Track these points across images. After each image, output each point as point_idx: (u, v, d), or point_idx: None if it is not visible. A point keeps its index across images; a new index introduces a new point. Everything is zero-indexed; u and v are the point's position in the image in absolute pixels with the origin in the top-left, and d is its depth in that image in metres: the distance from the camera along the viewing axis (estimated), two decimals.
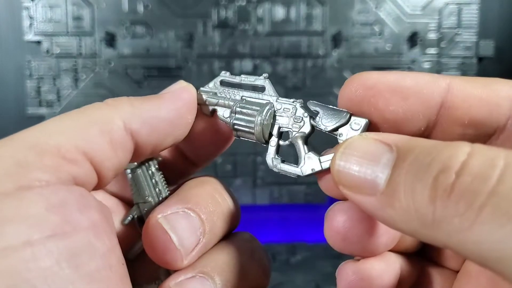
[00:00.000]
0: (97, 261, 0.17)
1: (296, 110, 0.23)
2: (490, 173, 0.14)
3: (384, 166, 0.17)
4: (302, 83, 0.59)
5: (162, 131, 0.22)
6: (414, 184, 0.15)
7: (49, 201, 0.16)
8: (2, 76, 0.57)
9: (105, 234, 0.18)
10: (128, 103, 0.21)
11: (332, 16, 0.58)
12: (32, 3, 0.56)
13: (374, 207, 0.17)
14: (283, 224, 0.62)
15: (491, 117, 0.19)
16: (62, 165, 0.18)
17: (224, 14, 0.58)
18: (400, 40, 0.58)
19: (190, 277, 0.22)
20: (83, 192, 0.18)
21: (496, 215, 0.13)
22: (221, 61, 0.58)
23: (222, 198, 0.24)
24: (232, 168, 0.59)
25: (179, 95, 0.23)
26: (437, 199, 0.15)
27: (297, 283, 0.58)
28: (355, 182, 0.17)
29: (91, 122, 0.20)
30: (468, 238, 0.14)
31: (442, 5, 0.58)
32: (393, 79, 0.19)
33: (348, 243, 0.21)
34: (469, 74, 0.59)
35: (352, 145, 0.18)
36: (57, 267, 0.15)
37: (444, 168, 0.15)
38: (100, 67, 0.58)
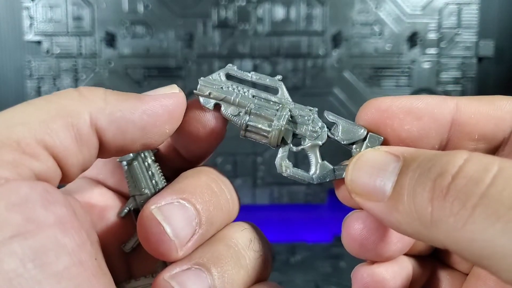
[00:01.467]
0: (65, 258, 0.16)
1: (313, 118, 0.23)
2: (484, 176, 0.15)
3: (391, 174, 0.18)
4: (302, 83, 0.59)
5: (130, 135, 0.21)
6: (415, 187, 0.17)
7: (9, 200, 0.16)
8: (2, 76, 0.58)
9: (73, 230, 0.17)
10: (102, 97, 0.20)
11: (332, 16, 0.58)
12: (32, 3, 0.56)
13: (382, 212, 0.18)
14: (283, 224, 0.62)
15: (497, 131, 0.21)
16: (22, 160, 0.17)
17: (224, 14, 0.58)
18: (400, 40, 0.59)
19: (186, 269, 0.21)
20: (47, 187, 0.17)
21: (486, 215, 0.14)
22: (221, 61, 0.58)
23: (218, 188, 0.23)
24: (232, 168, 0.59)
25: (161, 101, 0.21)
26: (434, 200, 0.16)
27: (297, 283, 0.58)
28: (366, 190, 0.19)
29: (57, 113, 0.18)
30: (462, 236, 0.15)
31: (442, 5, 0.58)
32: (405, 102, 0.21)
33: (365, 250, 0.22)
34: (469, 74, 0.59)
35: (364, 156, 0.20)
36: (22, 268, 0.15)
37: (442, 172, 0.16)
38: (100, 67, 0.58)
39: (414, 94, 0.59)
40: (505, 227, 0.14)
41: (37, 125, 0.18)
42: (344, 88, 0.59)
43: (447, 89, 0.59)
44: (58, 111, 0.18)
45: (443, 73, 0.59)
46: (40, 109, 0.18)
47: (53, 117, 0.18)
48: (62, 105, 0.19)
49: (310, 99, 0.59)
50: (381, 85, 0.59)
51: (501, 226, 0.14)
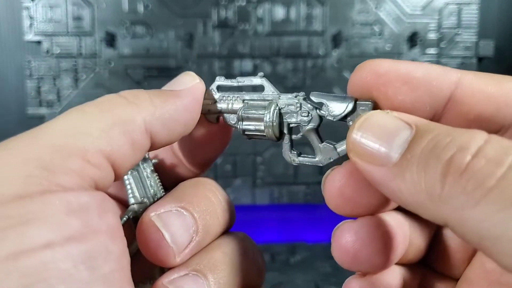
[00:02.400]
0: (112, 263, 0.17)
1: (301, 104, 0.23)
2: (504, 159, 0.15)
3: (402, 141, 0.17)
4: (302, 83, 0.59)
5: (176, 132, 0.22)
6: (429, 159, 0.16)
7: (70, 206, 0.17)
8: (2, 76, 0.58)
9: (119, 238, 0.18)
10: (149, 101, 0.21)
11: (332, 16, 0.58)
12: (32, 3, 0.56)
13: (383, 177, 0.17)
14: (283, 224, 0.62)
15: (497, 116, 0.19)
16: (86, 169, 0.18)
17: (224, 14, 0.58)
18: (400, 40, 0.59)
19: (183, 274, 0.22)
20: (103, 197, 0.19)
21: (502, 198, 0.14)
22: (221, 61, 0.58)
23: (216, 198, 0.24)
24: (232, 168, 0.59)
25: (193, 93, 0.23)
26: (449, 175, 0.15)
27: (297, 283, 0.58)
28: (369, 152, 0.18)
29: (113, 122, 0.19)
30: (471, 215, 0.15)
31: (442, 5, 0.58)
32: (404, 69, 0.20)
33: (358, 263, 0.21)
34: None
35: (373, 117, 0.18)
36: (75, 269, 0.16)
37: (461, 149, 0.15)
38: (100, 67, 0.58)
39: None
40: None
41: (98, 134, 0.19)
42: (344, 88, 0.59)
43: None
44: (113, 119, 0.19)
45: None
46: (96, 118, 0.19)
47: (111, 126, 0.19)
48: (115, 113, 0.20)
49: None
50: None
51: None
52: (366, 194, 0.21)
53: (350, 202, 0.21)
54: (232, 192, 0.59)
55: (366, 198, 0.21)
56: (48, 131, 0.18)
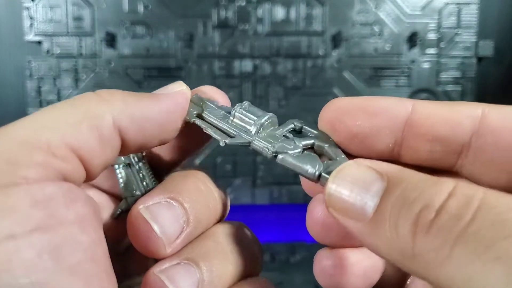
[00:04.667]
0: (80, 254, 0.17)
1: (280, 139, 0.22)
2: (464, 213, 0.15)
3: (374, 195, 0.17)
4: (302, 83, 0.59)
5: (149, 133, 0.22)
6: (398, 217, 0.16)
7: (34, 197, 0.17)
8: (3, 76, 0.58)
9: (91, 228, 0.18)
10: (121, 99, 0.21)
11: (332, 16, 0.58)
12: (33, 4, 0.56)
13: (361, 233, 0.17)
14: (283, 224, 0.62)
15: (454, 135, 0.21)
16: (52, 162, 0.18)
17: (224, 14, 0.58)
18: (400, 40, 0.59)
19: (175, 264, 0.22)
20: (71, 187, 0.18)
21: (465, 253, 0.14)
22: (221, 61, 0.58)
23: (206, 188, 0.24)
24: (232, 168, 0.59)
25: (175, 99, 0.23)
26: (417, 234, 0.15)
27: (297, 282, 0.58)
28: (345, 206, 0.18)
29: (82, 117, 0.19)
30: (442, 273, 0.15)
31: (441, 5, 0.58)
32: (360, 101, 0.22)
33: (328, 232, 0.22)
34: (468, 74, 0.59)
35: (345, 170, 0.18)
36: (39, 259, 0.16)
37: (426, 206, 0.16)
38: (101, 67, 0.58)
39: (414, 94, 0.59)
40: (483, 267, 0.14)
41: (64, 128, 0.19)
42: (343, 88, 0.59)
43: (447, 89, 0.60)
44: (82, 114, 0.20)
45: (443, 73, 0.59)
46: (65, 113, 0.19)
47: (79, 120, 0.19)
48: (85, 109, 0.20)
49: (310, 99, 0.59)
50: (380, 85, 0.59)
51: (480, 266, 0.14)
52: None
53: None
54: (232, 192, 0.59)
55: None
56: (16, 127, 0.19)
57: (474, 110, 0.21)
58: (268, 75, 0.59)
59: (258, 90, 0.59)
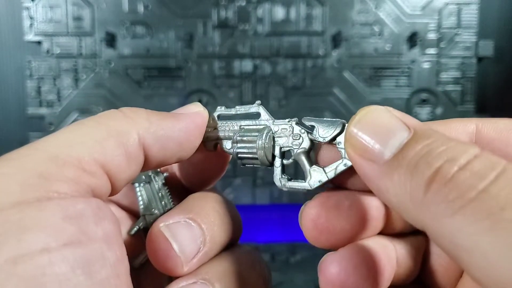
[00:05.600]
0: (108, 270, 0.17)
1: (293, 128, 0.24)
2: (488, 174, 0.15)
3: (397, 141, 0.18)
4: (302, 83, 0.59)
5: (170, 150, 0.23)
6: (419, 164, 0.17)
7: (67, 212, 0.17)
8: (3, 76, 0.58)
9: (116, 245, 0.19)
10: (146, 118, 0.22)
11: (332, 16, 0.58)
12: (33, 4, 0.56)
13: (373, 174, 0.18)
14: (283, 224, 0.62)
15: None
16: (82, 177, 0.18)
17: (224, 14, 0.58)
18: (400, 40, 0.59)
19: (192, 283, 0.22)
20: (99, 204, 0.19)
21: (479, 209, 0.15)
22: (221, 61, 0.58)
23: (223, 210, 0.25)
24: (232, 168, 0.59)
25: (194, 119, 0.24)
26: (434, 182, 0.16)
27: (297, 283, 0.58)
28: (364, 146, 0.18)
29: (109, 133, 0.20)
30: (448, 223, 0.15)
31: (441, 5, 0.58)
32: None
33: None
34: (468, 74, 0.59)
35: (375, 113, 0.19)
36: (72, 274, 0.16)
37: (451, 159, 0.16)
38: (101, 67, 0.58)
39: (414, 94, 0.59)
40: (493, 225, 0.14)
41: (93, 144, 0.19)
42: (344, 88, 0.59)
43: (447, 89, 0.60)
44: (108, 131, 0.20)
45: (443, 73, 0.59)
46: (92, 130, 0.20)
47: (106, 137, 0.20)
48: (111, 126, 0.21)
49: (310, 99, 0.59)
50: (380, 85, 0.59)
51: (489, 224, 0.14)
52: (339, 222, 0.22)
53: (325, 232, 0.22)
54: (232, 192, 0.59)
55: (339, 226, 0.22)
56: (46, 143, 0.19)
57: (468, 125, 0.22)
58: (268, 75, 0.59)
59: (258, 90, 0.59)
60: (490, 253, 0.14)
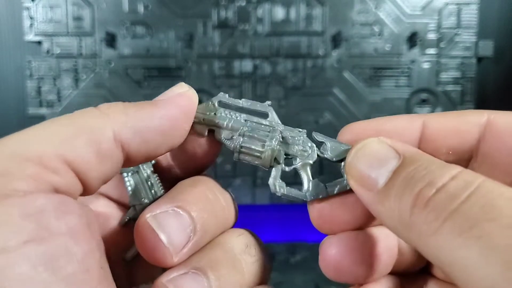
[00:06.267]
0: (74, 265, 0.17)
1: (303, 139, 0.24)
2: (461, 193, 0.17)
3: (387, 170, 0.19)
4: (302, 83, 0.59)
5: (153, 142, 0.21)
6: (404, 191, 0.18)
7: (25, 210, 0.17)
8: (3, 76, 0.58)
9: (83, 239, 0.18)
10: (122, 111, 0.21)
11: (332, 16, 0.58)
12: (33, 4, 0.56)
13: (369, 201, 0.20)
14: (283, 224, 0.62)
15: (464, 143, 0.22)
16: (43, 174, 0.18)
17: (224, 15, 0.58)
18: (400, 40, 0.59)
19: (183, 273, 0.22)
20: (63, 199, 0.18)
21: (452, 228, 0.16)
22: (221, 61, 0.58)
23: (214, 196, 0.24)
24: (232, 168, 0.59)
25: (175, 102, 0.22)
26: (415, 207, 0.17)
27: (297, 283, 0.58)
28: (361, 177, 0.20)
29: (79, 130, 0.19)
30: (431, 243, 0.17)
31: (441, 5, 0.58)
32: (375, 126, 0.23)
33: (341, 274, 0.23)
34: (468, 74, 0.59)
35: (368, 146, 0.21)
36: (34, 271, 0.16)
37: (429, 184, 0.18)
38: (101, 67, 0.58)
39: (414, 94, 0.59)
40: (465, 242, 0.15)
41: (58, 141, 0.19)
42: (343, 88, 0.59)
43: (447, 89, 0.60)
44: (80, 128, 0.19)
45: (443, 73, 0.59)
46: (62, 127, 0.19)
47: (75, 134, 0.19)
48: (84, 123, 0.20)
49: (310, 99, 0.59)
50: (380, 85, 0.59)
51: (462, 241, 0.15)
52: (343, 215, 0.23)
53: (329, 223, 0.23)
54: (232, 192, 0.59)
55: (343, 219, 0.23)
56: (7, 140, 0.18)
57: (480, 117, 0.22)
58: (268, 75, 0.59)
59: (258, 90, 0.59)
60: (467, 267, 0.15)
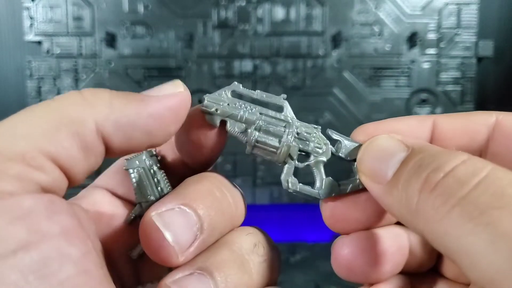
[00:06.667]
0: (70, 267, 0.16)
1: (318, 136, 0.24)
2: (470, 180, 0.16)
3: (396, 162, 0.20)
4: (302, 83, 0.59)
5: (136, 140, 0.20)
6: (411, 177, 0.18)
7: (12, 214, 0.16)
8: (3, 76, 0.58)
9: (78, 239, 0.17)
10: (107, 102, 0.19)
11: (332, 16, 0.58)
12: (33, 4, 0.56)
13: (379, 194, 0.20)
14: (283, 224, 0.62)
15: (474, 143, 0.23)
16: (28, 173, 0.17)
17: (224, 15, 0.58)
18: (400, 40, 0.59)
19: (188, 274, 0.21)
20: (52, 198, 0.17)
21: (461, 214, 0.16)
22: (221, 61, 0.58)
23: (221, 193, 0.23)
24: (232, 168, 0.59)
25: (166, 102, 0.21)
26: (422, 192, 0.17)
27: (297, 282, 0.58)
28: (371, 171, 0.21)
29: (60, 122, 0.18)
30: (438, 228, 0.17)
31: (441, 5, 0.58)
32: (388, 127, 0.23)
33: (352, 273, 0.23)
34: (468, 74, 0.59)
35: (377, 141, 0.22)
36: (23, 281, 0.15)
37: (437, 168, 0.17)
38: (101, 67, 0.58)
39: (414, 94, 0.59)
40: (474, 228, 0.15)
41: (41, 136, 0.17)
42: (343, 88, 0.59)
43: (447, 89, 0.60)
44: (61, 119, 0.18)
45: (443, 73, 0.59)
46: (42, 118, 0.18)
47: (57, 126, 0.18)
48: (65, 113, 0.18)
49: (310, 99, 0.59)
50: (380, 85, 0.59)
51: (471, 227, 0.15)
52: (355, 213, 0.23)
53: (341, 222, 0.24)
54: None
55: (354, 217, 0.23)
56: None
57: (489, 118, 0.22)
58: (268, 75, 0.59)
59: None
60: (474, 254, 0.15)
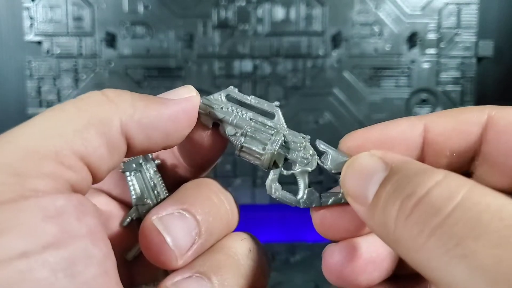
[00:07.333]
0: (94, 268, 0.17)
1: (305, 146, 0.24)
2: (444, 205, 0.15)
3: (375, 183, 0.19)
4: (302, 83, 0.59)
5: (154, 140, 0.21)
6: (388, 203, 0.17)
7: (46, 211, 0.16)
8: (3, 76, 0.58)
9: (101, 240, 0.18)
10: (130, 102, 0.20)
11: (332, 16, 0.58)
12: (33, 4, 0.56)
13: (363, 216, 0.19)
14: (282, 224, 0.62)
15: (466, 144, 0.22)
16: (60, 171, 0.17)
17: (224, 15, 0.58)
18: (400, 40, 0.59)
19: (187, 277, 0.22)
20: (80, 199, 0.18)
21: (437, 246, 0.15)
22: (221, 61, 0.58)
23: (218, 199, 0.24)
24: (232, 168, 0.59)
25: (184, 106, 0.22)
26: (398, 220, 0.17)
27: (297, 282, 0.58)
28: (353, 192, 0.20)
29: (90, 122, 0.19)
30: (417, 258, 0.16)
31: (441, 5, 0.58)
32: (376, 134, 0.23)
33: (342, 280, 0.23)
34: (468, 74, 0.59)
35: (357, 160, 0.21)
36: (53, 278, 0.15)
37: (411, 193, 0.16)
38: (101, 67, 0.58)
39: (414, 94, 0.59)
40: (450, 261, 0.15)
41: (72, 135, 0.18)
42: (343, 88, 0.59)
43: (447, 89, 0.60)
44: (90, 118, 0.19)
45: (443, 73, 0.59)
46: (72, 117, 0.18)
47: (86, 126, 0.18)
48: (92, 113, 0.19)
49: (310, 100, 0.59)
50: (380, 85, 0.59)
51: (447, 259, 0.15)
52: (343, 222, 0.23)
53: (331, 229, 0.24)
54: (232, 192, 0.59)
55: (343, 225, 0.23)
56: (20, 134, 0.17)
57: (480, 116, 0.21)
58: (268, 75, 0.59)
59: (258, 90, 0.59)
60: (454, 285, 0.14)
